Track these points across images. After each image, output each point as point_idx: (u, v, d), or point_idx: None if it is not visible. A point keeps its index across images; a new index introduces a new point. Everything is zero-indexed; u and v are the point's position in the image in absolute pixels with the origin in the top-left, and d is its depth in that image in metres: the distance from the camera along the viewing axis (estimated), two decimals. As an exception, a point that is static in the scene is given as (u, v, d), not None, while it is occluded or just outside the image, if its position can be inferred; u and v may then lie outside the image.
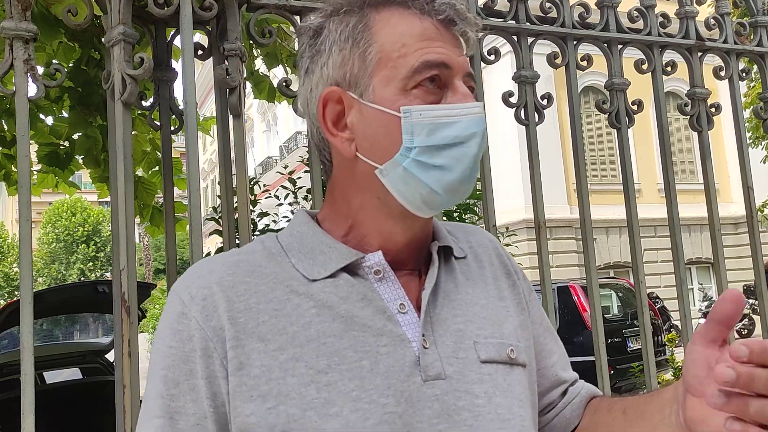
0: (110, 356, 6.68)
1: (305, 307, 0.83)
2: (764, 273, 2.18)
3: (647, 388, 2.01)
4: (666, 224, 2.19)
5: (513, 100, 1.98)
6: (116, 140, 1.54)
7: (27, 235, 1.47)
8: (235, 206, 1.66)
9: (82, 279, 37.61)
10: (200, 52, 1.69)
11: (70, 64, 3.20)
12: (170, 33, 1.73)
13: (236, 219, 1.66)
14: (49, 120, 3.75)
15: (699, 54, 2.23)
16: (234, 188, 1.68)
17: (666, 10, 2.20)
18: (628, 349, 9.16)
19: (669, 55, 2.19)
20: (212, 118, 3.80)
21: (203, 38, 1.74)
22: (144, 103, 1.72)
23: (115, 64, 1.54)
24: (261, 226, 5.62)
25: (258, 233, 5.38)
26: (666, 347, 8.89)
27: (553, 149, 16.73)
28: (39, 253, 40.69)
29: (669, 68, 2.19)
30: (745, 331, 16.57)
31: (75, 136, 3.55)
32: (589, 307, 2.00)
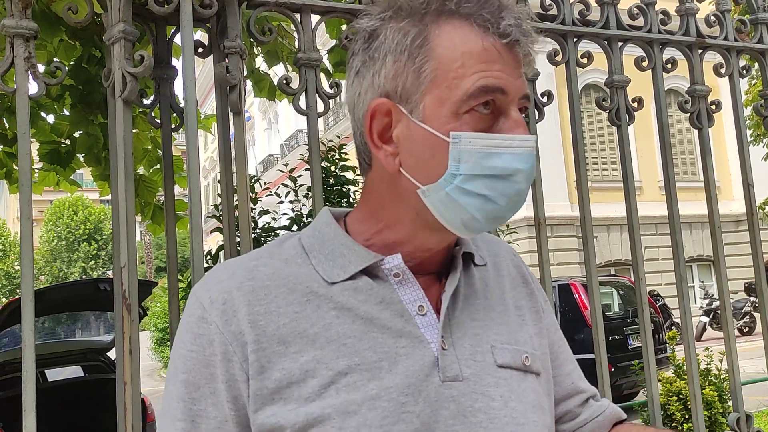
0: (112, 354, 6.69)
1: (325, 309, 0.84)
2: (764, 270, 2.18)
3: (647, 386, 2.01)
4: (667, 222, 2.19)
5: (513, 98, 1.98)
6: (117, 138, 1.54)
7: (28, 233, 1.48)
8: (236, 204, 1.67)
9: (84, 277, 37.65)
10: (200, 50, 1.69)
11: (71, 62, 3.20)
12: (170, 31, 1.74)
13: (237, 217, 1.67)
14: (51, 118, 3.76)
15: (699, 51, 2.23)
16: (234, 186, 1.68)
17: (666, 8, 2.20)
18: (629, 347, 9.17)
19: (669, 53, 2.19)
20: (213, 116, 3.81)
21: (204, 36, 1.74)
22: (144, 101, 1.72)
23: (116, 62, 1.54)
24: (262, 224, 5.62)
25: (259, 231, 5.39)
26: (667, 345, 8.89)
27: (555, 147, 16.74)
28: (41, 252, 40.77)
29: (669, 65, 2.19)
30: (746, 329, 16.57)
31: (76, 134, 3.56)
32: (588, 305, 2.00)
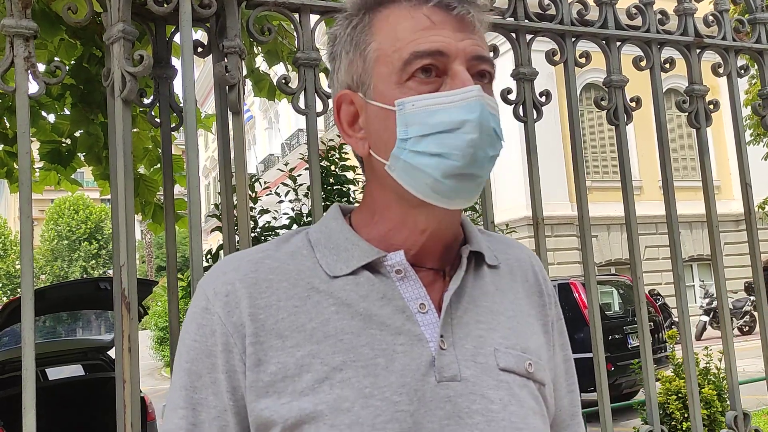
0: (112, 353, 6.70)
1: (325, 305, 0.84)
2: (762, 270, 2.19)
3: (645, 385, 2.02)
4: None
5: (511, 98, 1.99)
6: (116, 137, 1.55)
7: (28, 232, 1.48)
8: (235, 204, 1.67)
9: (85, 276, 37.66)
10: (200, 50, 1.70)
11: (72, 62, 3.21)
12: (170, 30, 1.74)
13: (236, 216, 1.67)
14: (51, 117, 3.77)
15: (697, 51, 2.23)
16: (234, 186, 1.69)
17: (664, 7, 2.21)
18: (629, 346, 9.18)
19: (668, 52, 2.20)
20: (213, 116, 3.81)
21: (203, 35, 1.75)
22: (144, 101, 1.73)
23: (115, 62, 1.54)
24: (262, 223, 5.63)
25: (259, 230, 5.40)
26: (666, 344, 8.90)
27: (555, 146, 16.74)
28: (41, 251, 40.79)
29: (667, 65, 2.20)
30: (746, 328, 16.57)
31: (77, 134, 3.56)
32: (587, 304, 2.00)
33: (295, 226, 5.53)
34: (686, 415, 5.48)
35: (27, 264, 1.46)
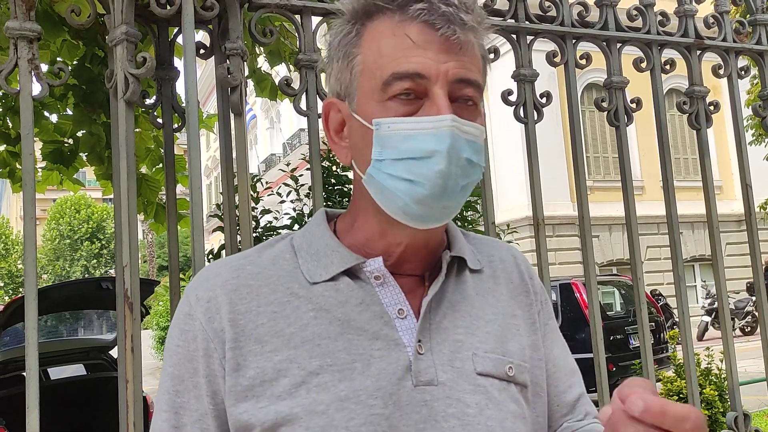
0: (114, 353, 6.71)
1: (304, 310, 0.85)
2: (763, 270, 2.19)
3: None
4: (668, 221, 2.20)
5: (512, 99, 2.00)
6: (119, 138, 1.55)
7: (31, 232, 1.49)
8: (237, 204, 1.68)
9: (86, 276, 37.69)
10: (202, 51, 1.71)
11: (74, 62, 3.22)
12: (173, 32, 1.75)
13: (238, 216, 1.68)
14: (54, 117, 3.78)
15: (698, 52, 2.24)
16: (235, 186, 1.70)
17: (665, 9, 2.21)
18: (630, 346, 9.17)
19: (668, 54, 2.20)
20: (215, 116, 3.82)
21: (205, 37, 1.76)
22: (147, 102, 1.74)
23: (118, 63, 1.55)
24: (263, 223, 5.63)
25: (260, 230, 5.40)
26: (668, 344, 8.90)
27: (556, 147, 16.73)
28: (43, 250, 40.81)
29: (668, 66, 2.20)
30: (748, 329, 16.55)
31: (79, 134, 3.57)
32: (588, 304, 2.01)
33: (297, 227, 5.53)
34: (687, 416, 5.47)
35: (30, 264, 1.47)
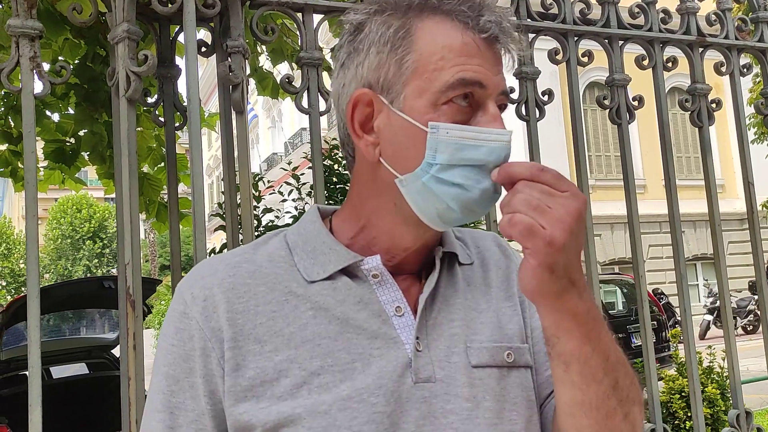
0: (116, 351, 6.71)
1: (302, 309, 0.85)
2: (765, 269, 2.19)
3: (647, 383, 2.02)
4: (670, 220, 2.20)
5: (514, 96, 1.99)
6: (120, 137, 1.56)
7: (34, 231, 1.49)
8: (239, 202, 1.68)
9: (88, 275, 37.72)
10: (203, 49, 1.71)
11: (76, 61, 3.22)
12: (174, 30, 1.75)
13: (239, 215, 1.68)
14: (56, 117, 3.78)
15: (700, 50, 2.24)
16: (237, 184, 1.70)
17: (667, 6, 2.21)
18: (633, 345, 9.16)
19: (670, 51, 2.20)
20: (216, 114, 3.82)
21: (207, 35, 1.76)
22: (148, 100, 1.74)
23: (120, 61, 1.55)
24: (265, 222, 5.63)
25: (262, 229, 5.40)
26: (670, 343, 8.89)
27: (559, 145, 16.72)
28: (45, 250, 40.85)
29: (670, 64, 2.20)
30: (750, 327, 16.54)
31: (81, 133, 3.57)
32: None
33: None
34: (690, 414, 5.48)
35: (33, 263, 1.47)
